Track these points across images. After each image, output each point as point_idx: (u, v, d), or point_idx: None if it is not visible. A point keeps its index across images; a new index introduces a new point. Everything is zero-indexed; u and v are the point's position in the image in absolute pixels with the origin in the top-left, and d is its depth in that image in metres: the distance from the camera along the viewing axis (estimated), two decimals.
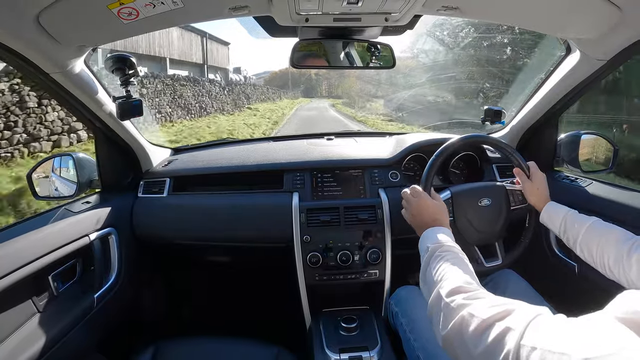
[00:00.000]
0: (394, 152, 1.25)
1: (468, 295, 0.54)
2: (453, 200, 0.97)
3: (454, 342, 0.51)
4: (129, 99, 0.93)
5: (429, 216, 0.83)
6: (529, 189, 0.94)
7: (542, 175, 0.95)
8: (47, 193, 1.10)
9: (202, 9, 0.77)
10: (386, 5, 0.75)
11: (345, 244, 1.09)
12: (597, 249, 0.75)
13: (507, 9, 0.82)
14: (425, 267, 0.70)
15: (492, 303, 0.49)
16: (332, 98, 39.49)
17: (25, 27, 0.67)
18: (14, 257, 0.74)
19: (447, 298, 0.55)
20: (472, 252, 0.98)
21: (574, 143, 1.19)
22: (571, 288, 1.09)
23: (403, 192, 0.94)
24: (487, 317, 0.46)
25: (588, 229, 0.79)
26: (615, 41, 0.82)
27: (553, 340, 0.37)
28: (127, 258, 1.11)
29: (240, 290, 1.59)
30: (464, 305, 0.52)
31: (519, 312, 0.45)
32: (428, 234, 0.78)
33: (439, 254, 0.69)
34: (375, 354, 0.93)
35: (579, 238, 0.80)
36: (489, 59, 9.91)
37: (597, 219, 0.81)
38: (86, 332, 0.92)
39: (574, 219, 0.83)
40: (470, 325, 0.48)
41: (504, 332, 0.43)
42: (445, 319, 0.54)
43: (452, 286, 0.57)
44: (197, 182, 1.26)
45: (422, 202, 0.86)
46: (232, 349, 0.95)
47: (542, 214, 0.91)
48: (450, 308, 0.53)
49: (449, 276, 0.61)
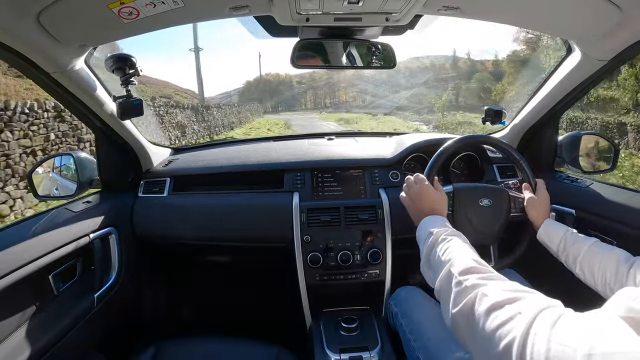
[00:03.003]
0: (394, 152, 1.25)
1: (483, 276, 0.52)
2: (454, 195, 0.96)
3: (462, 322, 0.50)
4: (130, 99, 0.93)
5: (428, 204, 0.83)
6: (531, 203, 0.94)
7: (547, 195, 0.94)
8: (48, 192, 1.10)
9: (202, 8, 0.77)
10: (387, 5, 0.75)
11: (346, 244, 1.09)
12: (599, 269, 0.75)
13: (508, 9, 0.82)
14: (429, 250, 0.68)
15: (507, 286, 0.48)
16: (327, 111, 33.50)
17: (26, 26, 0.67)
18: (14, 257, 0.74)
19: (460, 277, 0.54)
20: None
21: (574, 143, 1.18)
22: (571, 288, 1.09)
23: (406, 178, 0.92)
24: (500, 300, 0.45)
25: (590, 248, 0.78)
26: (615, 41, 0.82)
27: (560, 332, 0.37)
28: (128, 258, 1.11)
29: (240, 290, 1.59)
30: (478, 285, 0.50)
31: (531, 299, 0.44)
32: (428, 221, 0.78)
33: (445, 237, 0.68)
34: (375, 354, 0.93)
35: (580, 257, 0.79)
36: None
37: (597, 239, 0.80)
38: (86, 332, 0.92)
39: (574, 238, 0.83)
40: (482, 304, 0.47)
41: (513, 316, 0.42)
42: (456, 297, 0.52)
43: (466, 266, 0.55)
44: (198, 182, 1.26)
45: (424, 189, 0.85)
46: (232, 349, 0.95)
47: (540, 230, 0.90)
48: (464, 287, 0.52)
49: (460, 256, 0.59)
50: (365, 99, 34.03)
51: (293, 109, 36.13)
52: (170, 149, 1.47)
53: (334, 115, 27.83)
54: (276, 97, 37.15)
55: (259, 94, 33.95)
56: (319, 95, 40.39)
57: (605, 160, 1.16)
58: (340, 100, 38.98)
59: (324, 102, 39.40)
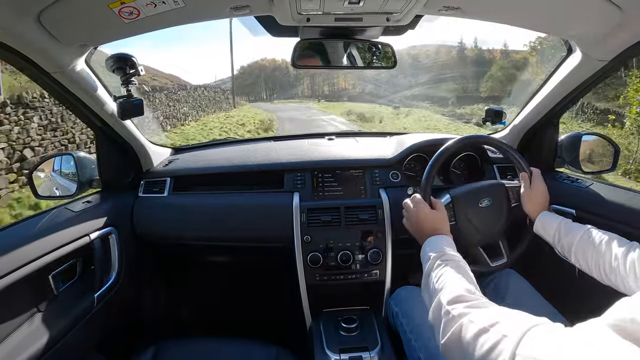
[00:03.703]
0: (394, 152, 1.25)
1: (469, 304, 0.54)
2: (454, 204, 0.96)
3: (453, 350, 0.52)
4: (130, 99, 0.93)
5: (429, 226, 0.84)
6: (527, 196, 0.94)
7: (544, 185, 0.94)
8: (48, 192, 1.10)
9: (203, 8, 0.77)
10: (387, 5, 0.75)
11: (346, 244, 1.09)
12: (592, 256, 0.75)
13: (508, 10, 0.82)
14: (427, 275, 0.71)
15: (492, 311, 0.50)
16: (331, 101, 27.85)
17: (26, 26, 0.67)
18: (14, 257, 0.74)
19: (448, 306, 0.56)
20: (477, 254, 0.98)
21: (574, 144, 1.18)
22: (571, 288, 1.09)
23: (404, 202, 0.94)
24: (485, 325, 0.47)
25: (582, 236, 0.79)
26: (616, 41, 0.82)
27: (547, 350, 0.38)
28: (128, 258, 1.11)
29: (240, 290, 1.59)
30: (464, 314, 0.52)
31: (516, 321, 0.45)
32: (429, 243, 0.79)
33: (440, 262, 0.70)
34: (375, 354, 0.93)
35: (574, 246, 0.80)
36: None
37: (591, 226, 0.81)
38: (86, 332, 0.92)
39: (568, 227, 0.83)
40: (469, 332, 0.49)
41: (500, 340, 0.43)
42: (445, 327, 0.54)
43: (453, 295, 0.58)
44: (198, 182, 1.26)
45: (422, 212, 0.87)
46: (232, 349, 0.95)
47: (536, 223, 0.90)
48: (451, 316, 0.54)
49: (450, 284, 0.62)
50: (365, 88, 28.84)
51: (288, 96, 32.10)
52: (171, 149, 1.47)
53: (337, 106, 21.68)
54: (270, 83, 34.01)
55: (252, 81, 31.41)
56: (317, 82, 34.68)
57: (606, 160, 1.17)
58: (340, 87, 33.48)
59: (322, 90, 33.85)
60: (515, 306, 0.88)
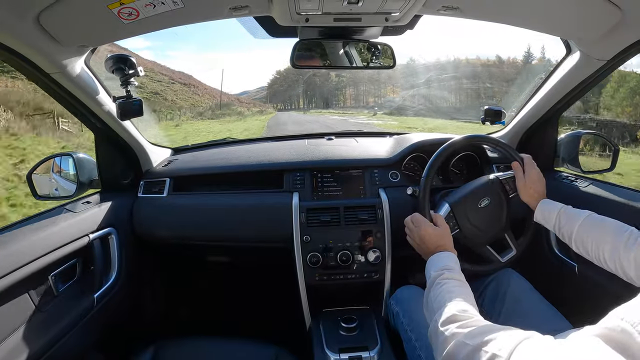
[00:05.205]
0: (394, 152, 1.25)
1: (461, 324, 0.56)
2: (454, 213, 0.96)
3: None
4: (129, 99, 0.93)
5: (431, 244, 0.85)
6: (522, 186, 0.94)
7: (537, 172, 0.93)
8: (47, 193, 1.10)
9: (202, 9, 0.77)
10: (386, 5, 0.75)
11: (345, 244, 1.09)
12: (592, 243, 0.76)
13: (507, 10, 0.82)
14: (427, 294, 0.72)
15: (482, 330, 0.51)
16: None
17: (26, 27, 0.67)
18: (14, 257, 0.74)
19: (442, 327, 0.58)
20: (486, 253, 0.99)
21: (573, 143, 1.19)
22: (571, 287, 1.09)
23: (405, 220, 0.95)
24: (476, 344, 0.48)
25: (582, 223, 0.79)
26: (615, 41, 0.82)
27: None
28: (127, 258, 1.11)
29: (240, 290, 1.59)
30: (456, 334, 0.54)
31: (506, 337, 0.46)
32: (432, 262, 0.80)
33: (439, 282, 0.71)
34: (375, 354, 0.93)
35: (574, 234, 0.80)
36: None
37: (591, 212, 0.80)
38: (86, 332, 0.92)
39: (567, 214, 0.83)
40: (462, 352, 0.50)
41: (491, 357, 0.45)
42: (440, 347, 0.56)
43: (447, 315, 0.59)
44: (197, 182, 1.26)
45: (423, 231, 0.87)
46: (232, 349, 0.95)
47: (536, 212, 0.90)
48: (445, 337, 0.56)
49: (444, 305, 0.63)
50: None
51: (331, 106, 27.08)
52: (170, 149, 1.47)
53: (409, 122, 16.68)
54: (309, 90, 30.03)
55: (287, 87, 28.09)
56: (360, 91, 28.73)
57: (605, 159, 1.17)
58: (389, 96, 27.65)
59: (366, 101, 28.03)
60: (515, 306, 0.89)
